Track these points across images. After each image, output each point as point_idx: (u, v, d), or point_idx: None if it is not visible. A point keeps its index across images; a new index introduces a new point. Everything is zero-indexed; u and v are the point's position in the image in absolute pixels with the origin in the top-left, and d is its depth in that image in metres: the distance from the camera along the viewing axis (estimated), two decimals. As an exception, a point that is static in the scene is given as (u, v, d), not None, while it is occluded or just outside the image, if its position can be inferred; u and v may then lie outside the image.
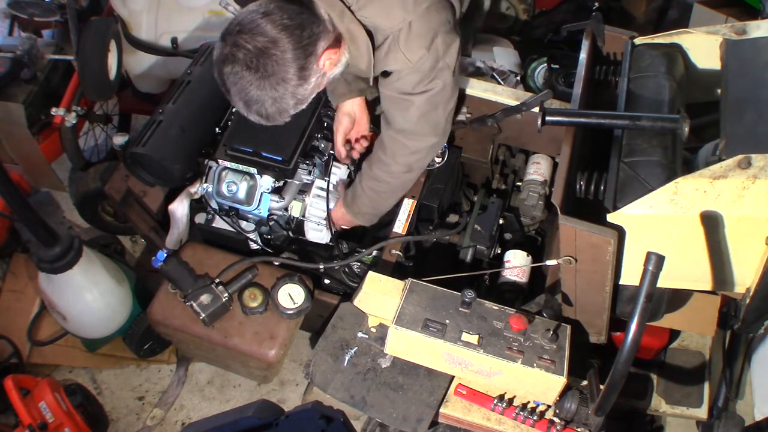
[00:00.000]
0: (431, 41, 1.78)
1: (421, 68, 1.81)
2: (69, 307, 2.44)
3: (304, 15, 1.67)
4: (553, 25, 3.30)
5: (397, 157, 1.98)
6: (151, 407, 2.76)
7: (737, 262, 1.56)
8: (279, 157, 2.11)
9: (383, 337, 1.84)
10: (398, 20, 1.75)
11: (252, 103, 1.69)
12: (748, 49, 1.72)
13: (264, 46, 1.61)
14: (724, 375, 2.30)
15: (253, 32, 1.62)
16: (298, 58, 1.65)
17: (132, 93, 3.19)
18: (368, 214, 2.16)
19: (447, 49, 1.83)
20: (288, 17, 1.64)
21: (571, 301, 1.80)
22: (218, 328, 2.05)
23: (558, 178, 1.63)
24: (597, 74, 1.96)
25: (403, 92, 1.86)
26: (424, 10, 1.77)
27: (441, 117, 1.93)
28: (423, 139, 1.96)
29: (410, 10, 1.75)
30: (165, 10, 2.90)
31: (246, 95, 1.67)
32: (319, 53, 1.70)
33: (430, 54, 1.79)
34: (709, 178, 1.42)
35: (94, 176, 2.82)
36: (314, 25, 1.68)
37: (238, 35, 1.63)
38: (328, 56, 1.73)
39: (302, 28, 1.65)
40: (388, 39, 1.78)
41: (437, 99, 1.88)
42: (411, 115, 1.89)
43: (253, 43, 1.61)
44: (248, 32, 1.62)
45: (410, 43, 1.77)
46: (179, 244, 2.24)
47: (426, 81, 1.83)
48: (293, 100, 1.71)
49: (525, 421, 1.78)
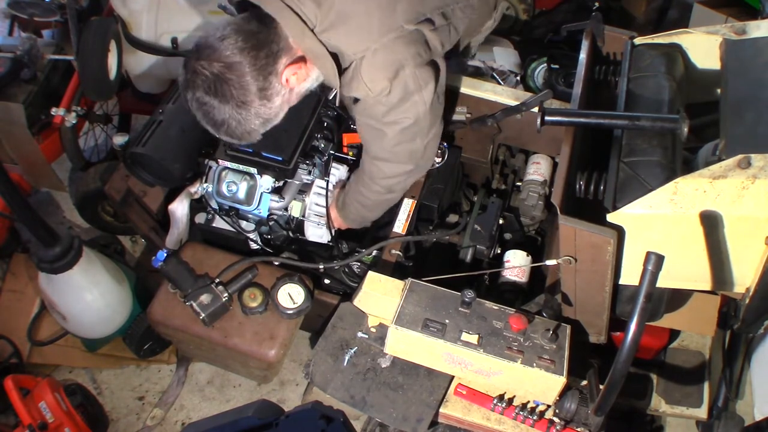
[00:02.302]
0: (395, 73, 1.74)
1: (387, 100, 1.77)
2: (69, 307, 2.44)
3: (261, 35, 1.66)
4: (553, 25, 3.30)
5: (375, 179, 1.99)
6: (151, 407, 2.76)
7: (737, 262, 1.56)
8: (279, 157, 2.11)
9: (383, 337, 1.84)
10: (361, 47, 1.72)
11: (218, 125, 1.71)
12: (748, 49, 1.72)
13: (220, 72, 1.63)
14: (724, 375, 2.30)
15: (210, 57, 1.63)
16: (256, 80, 1.65)
17: (132, 93, 3.19)
18: (357, 221, 2.18)
19: (420, 84, 1.78)
20: (243, 39, 1.64)
21: (571, 301, 1.80)
22: (218, 328, 2.05)
23: (558, 178, 1.63)
24: (597, 74, 1.96)
25: (374, 120, 1.84)
26: (390, 41, 1.73)
27: (418, 146, 1.91)
28: (400, 166, 1.95)
29: (374, 38, 1.72)
30: (165, 10, 2.90)
31: (211, 119, 1.70)
32: (279, 71, 1.69)
33: (396, 86, 1.75)
34: (709, 178, 1.42)
35: (94, 176, 2.82)
36: (273, 44, 1.67)
37: (196, 61, 1.65)
38: (292, 71, 1.71)
39: (258, 48, 1.65)
40: (352, 65, 1.75)
41: (412, 130, 1.85)
42: (386, 144, 1.88)
43: (210, 69, 1.63)
44: (205, 58, 1.64)
45: (372, 73, 1.73)
46: (179, 244, 2.24)
47: (395, 113, 1.80)
48: (258, 119, 1.72)
49: (525, 421, 1.78)
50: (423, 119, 1.84)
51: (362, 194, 2.06)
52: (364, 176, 2.02)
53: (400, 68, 1.75)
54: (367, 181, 2.01)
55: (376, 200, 2.07)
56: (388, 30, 1.73)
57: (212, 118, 1.70)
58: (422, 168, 2.03)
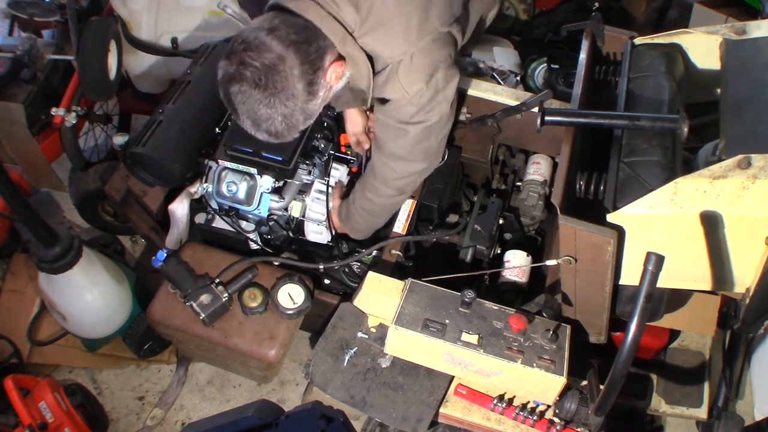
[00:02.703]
0: (431, 75, 1.77)
1: (418, 101, 1.79)
2: (69, 307, 2.44)
3: (309, 30, 1.64)
4: (553, 25, 3.29)
5: (387, 181, 1.99)
6: (151, 407, 2.76)
7: (737, 262, 1.56)
8: (279, 157, 2.11)
9: (383, 337, 1.84)
10: (399, 51, 1.73)
11: (261, 121, 1.66)
12: (748, 49, 1.72)
13: (272, 63, 1.58)
14: (724, 375, 2.30)
15: (259, 49, 1.58)
16: (306, 74, 1.62)
17: (132, 93, 3.19)
18: (363, 231, 2.17)
19: (447, 83, 1.82)
20: (294, 32, 1.61)
21: (571, 301, 1.80)
22: (218, 328, 2.05)
23: (558, 178, 1.63)
24: (597, 74, 1.96)
25: (400, 121, 1.85)
26: (427, 44, 1.75)
27: (434, 144, 1.93)
28: (413, 165, 1.96)
29: (413, 42, 1.73)
30: (165, 10, 2.90)
31: (255, 114, 1.64)
32: (326, 67, 1.68)
33: (429, 88, 1.78)
34: (709, 178, 1.42)
35: (94, 176, 2.82)
36: (320, 40, 1.65)
37: (243, 53, 1.59)
38: (335, 69, 1.70)
39: (309, 43, 1.63)
40: (388, 68, 1.76)
41: (433, 129, 1.87)
42: (405, 143, 1.88)
43: (261, 60, 1.58)
44: (254, 49, 1.58)
45: (410, 76, 1.75)
46: (179, 244, 2.24)
47: (423, 112, 1.82)
48: (303, 115, 1.69)
49: (525, 421, 1.78)
50: (445, 117, 1.87)
51: (371, 200, 2.04)
52: (374, 181, 2.01)
53: (435, 71, 1.77)
54: (377, 185, 2.01)
55: (386, 205, 2.07)
56: (425, 34, 1.75)
57: (256, 113, 1.64)
58: (432, 166, 2.03)
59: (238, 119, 1.69)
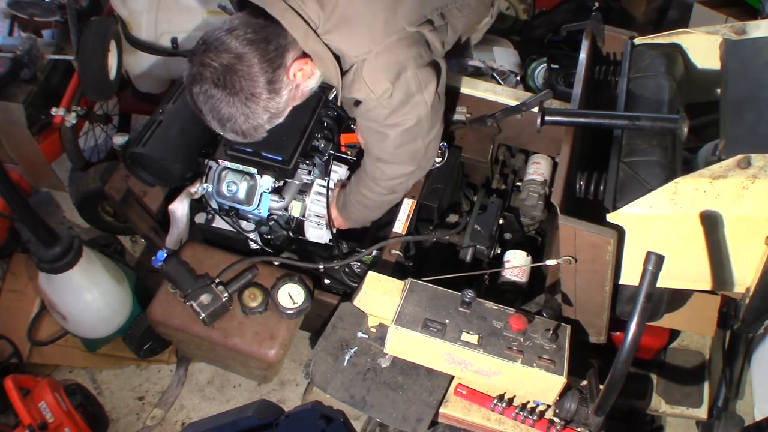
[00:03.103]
0: (397, 75, 1.74)
1: (389, 102, 1.77)
2: (69, 307, 2.44)
3: (269, 28, 1.65)
4: (553, 25, 3.30)
5: (377, 181, 1.99)
6: (151, 407, 2.76)
7: (737, 262, 1.56)
8: (279, 157, 2.11)
9: (383, 337, 1.84)
10: (363, 50, 1.72)
11: (225, 121, 1.68)
12: (747, 49, 1.72)
13: (229, 63, 1.61)
14: (724, 375, 2.30)
15: (218, 49, 1.61)
16: (265, 72, 1.64)
17: (132, 93, 3.19)
18: (358, 221, 2.18)
19: (421, 84, 1.78)
20: (252, 31, 1.63)
21: (571, 301, 1.80)
22: (218, 328, 2.05)
23: (558, 178, 1.63)
24: (597, 74, 1.96)
25: (375, 122, 1.84)
26: (393, 42, 1.73)
27: (420, 147, 1.91)
28: (401, 167, 1.95)
29: (377, 40, 1.72)
30: (165, 10, 2.90)
31: (218, 114, 1.66)
32: (287, 65, 1.68)
33: (398, 88, 1.75)
34: (709, 178, 1.42)
35: (94, 176, 2.82)
36: (280, 38, 1.66)
37: (204, 54, 1.62)
38: (299, 67, 1.71)
39: (267, 42, 1.64)
40: (354, 67, 1.75)
41: (413, 132, 1.85)
42: (387, 146, 1.88)
43: (219, 60, 1.61)
44: (213, 50, 1.61)
45: (374, 75, 1.73)
46: (179, 244, 2.24)
47: (397, 115, 1.80)
48: (266, 114, 1.70)
49: (525, 421, 1.78)
50: (425, 120, 1.84)
51: (364, 195, 2.05)
52: (366, 178, 2.02)
53: (402, 70, 1.75)
54: (368, 182, 2.01)
55: (378, 201, 2.08)
56: (391, 32, 1.73)
57: (219, 113, 1.67)
58: (424, 168, 2.03)
59: (205, 120, 1.71)
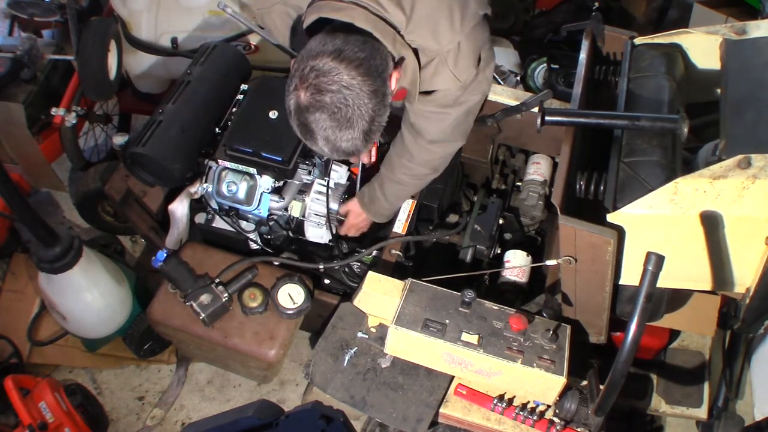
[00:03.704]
0: (478, 59, 1.81)
1: (463, 85, 1.82)
2: (69, 307, 2.44)
3: (368, 43, 1.62)
4: (553, 25, 3.30)
5: (424, 163, 2.01)
6: (151, 407, 2.76)
7: (737, 262, 1.56)
8: (279, 158, 2.10)
9: (383, 337, 1.84)
10: (447, 41, 1.74)
11: (341, 142, 1.62)
12: (748, 49, 1.72)
13: (348, 84, 1.55)
14: (724, 375, 2.30)
15: (331, 73, 1.55)
16: (378, 89, 1.60)
17: (132, 93, 3.19)
18: (387, 213, 2.19)
19: (487, 64, 1.87)
20: (359, 49, 1.59)
21: (571, 301, 1.80)
22: (218, 328, 2.05)
23: (558, 178, 1.63)
24: (597, 74, 1.96)
25: (442, 107, 1.87)
26: (471, 29, 1.77)
27: (471, 123, 1.98)
28: (452, 145, 2.00)
29: (458, 30, 1.74)
30: (165, 10, 2.90)
31: (335, 137, 1.60)
32: (390, 74, 1.66)
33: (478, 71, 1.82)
34: (709, 178, 1.42)
35: (94, 176, 2.82)
36: (381, 50, 1.64)
37: (316, 79, 1.55)
38: (395, 76, 1.69)
39: (374, 57, 1.61)
40: (435, 59, 1.76)
41: (473, 109, 1.92)
42: (446, 126, 1.91)
43: (336, 84, 1.55)
44: (326, 74, 1.55)
45: (460, 63, 1.78)
46: (179, 244, 2.24)
47: (466, 95, 1.86)
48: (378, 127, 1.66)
49: (525, 421, 1.78)
50: (484, 97, 1.92)
51: (402, 182, 2.06)
52: (410, 162, 2.01)
53: (480, 53, 1.81)
54: (412, 166, 2.02)
55: (417, 184, 2.11)
56: (469, 20, 1.77)
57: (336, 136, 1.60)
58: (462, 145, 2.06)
59: (314, 145, 1.65)
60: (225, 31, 2.84)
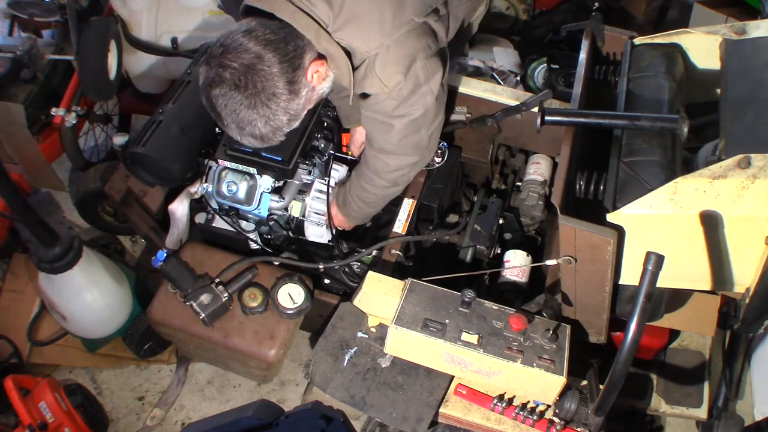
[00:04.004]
0: (409, 67, 1.76)
1: (399, 94, 1.78)
2: (69, 307, 2.44)
3: (286, 29, 1.65)
4: (553, 25, 3.30)
5: (380, 173, 2.00)
6: (151, 407, 2.76)
7: (737, 262, 1.56)
8: (279, 157, 2.10)
9: (383, 337, 1.84)
10: (375, 44, 1.72)
11: (244, 124, 1.66)
12: (747, 49, 1.72)
13: (250, 63, 1.59)
14: (724, 375, 2.30)
15: (237, 50, 1.60)
16: (285, 72, 1.63)
17: (132, 93, 3.19)
18: (359, 217, 2.19)
19: (429, 74, 1.80)
20: (271, 32, 1.62)
21: (571, 301, 1.80)
22: (218, 328, 2.05)
23: (558, 178, 1.63)
24: (597, 74, 1.96)
25: (382, 114, 1.84)
26: (403, 35, 1.74)
27: (423, 138, 1.92)
28: (404, 158, 1.96)
29: (387, 34, 1.72)
30: (165, 10, 2.90)
31: (237, 116, 1.65)
32: (306, 66, 1.68)
33: (408, 80, 1.77)
34: (709, 178, 1.42)
35: (94, 176, 2.82)
36: (298, 39, 1.66)
37: (222, 56, 1.61)
38: (315, 68, 1.71)
39: (286, 42, 1.63)
40: (365, 62, 1.75)
41: (418, 122, 1.87)
42: (392, 137, 1.89)
43: (239, 61, 1.59)
44: (232, 51, 1.60)
45: (387, 68, 1.74)
46: (179, 244, 2.24)
47: (405, 105, 1.81)
48: (286, 116, 1.69)
49: (525, 420, 1.78)
50: (430, 110, 1.86)
51: (365, 190, 2.06)
52: (368, 172, 2.02)
53: (413, 61, 1.76)
54: (371, 176, 2.01)
55: (380, 195, 2.08)
56: (400, 25, 1.74)
57: (238, 115, 1.64)
58: (425, 159, 2.03)
59: (222, 125, 1.70)
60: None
